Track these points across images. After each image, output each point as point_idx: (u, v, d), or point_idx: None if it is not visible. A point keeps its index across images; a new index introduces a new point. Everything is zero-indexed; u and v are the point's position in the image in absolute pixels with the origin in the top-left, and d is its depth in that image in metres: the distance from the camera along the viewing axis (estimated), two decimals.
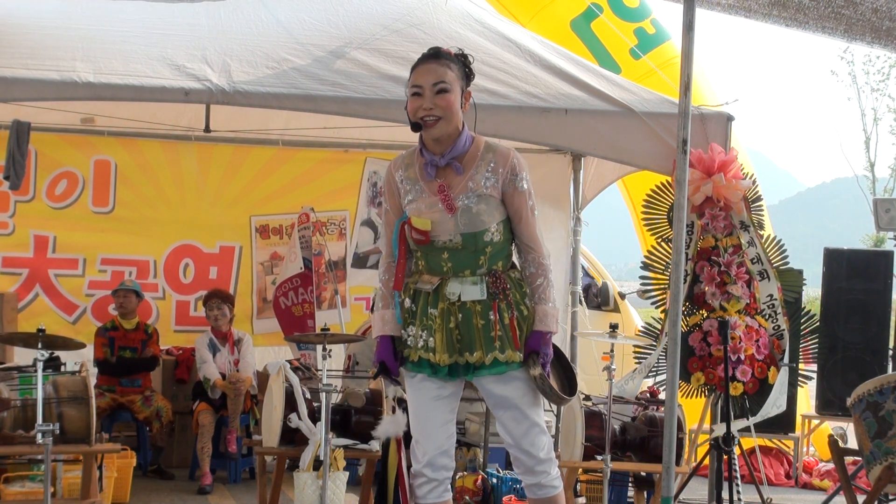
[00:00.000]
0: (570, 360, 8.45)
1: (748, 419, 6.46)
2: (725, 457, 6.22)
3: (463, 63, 4.08)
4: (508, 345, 4.01)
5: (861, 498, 5.81)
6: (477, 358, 4.01)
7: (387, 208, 4.21)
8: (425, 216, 4.01)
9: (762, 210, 6.83)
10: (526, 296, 4.09)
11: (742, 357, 6.40)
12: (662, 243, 6.70)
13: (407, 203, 4.07)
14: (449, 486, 4.11)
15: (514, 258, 4.19)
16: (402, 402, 7.74)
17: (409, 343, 4.06)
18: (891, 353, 8.66)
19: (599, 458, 6.16)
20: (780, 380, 6.47)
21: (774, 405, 6.43)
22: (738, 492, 6.31)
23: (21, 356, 7.49)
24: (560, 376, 4.30)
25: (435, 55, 4.05)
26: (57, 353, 6.61)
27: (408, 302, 4.09)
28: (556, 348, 4.23)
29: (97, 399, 7.42)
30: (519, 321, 4.04)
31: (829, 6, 5.35)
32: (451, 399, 4.11)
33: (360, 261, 9.05)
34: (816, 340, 7.06)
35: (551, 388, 4.06)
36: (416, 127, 3.99)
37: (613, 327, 6.14)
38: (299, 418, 6.31)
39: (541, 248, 4.13)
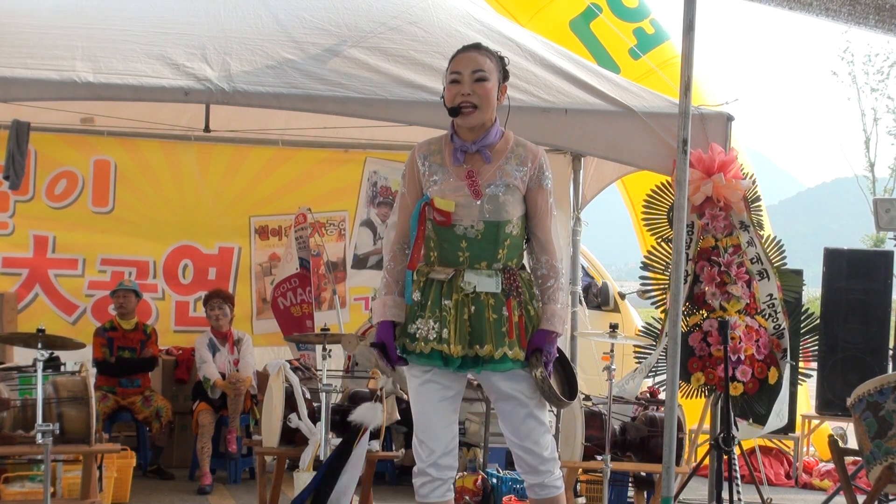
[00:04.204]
0: (570, 360, 8.49)
1: (750, 422, 6.46)
2: (725, 457, 6.22)
3: (500, 60, 4.16)
4: (517, 343, 4.01)
5: (861, 498, 5.81)
6: (487, 351, 4.00)
7: (403, 192, 4.19)
8: (449, 199, 4.02)
9: (761, 210, 6.83)
10: (535, 297, 4.10)
11: (742, 357, 6.40)
12: (662, 243, 6.69)
13: (431, 185, 4.07)
14: (451, 486, 4.11)
15: (525, 260, 4.19)
16: (400, 402, 7.75)
17: (417, 336, 4.02)
18: (891, 353, 8.67)
19: (599, 458, 6.16)
20: (784, 386, 6.47)
21: (778, 416, 6.43)
22: (738, 492, 6.30)
23: (21, 356, 7.49)
24: (561, 379, 4.28)
25: (475, 46, 4.14)
26: (57, 353, 6.60)
27: (417, 294, 4.05)
28: (559, 351, 4.22)
29: (101, 402, 7.45)
30: (526, 322, 4.05)
31: None
32: (455, 399, 4.11)
33: (360, 261, 9.04)
34: (816, 339, 7.05)
35: (551, 390, 4.04)
36: (453, 112, 4.03)
37: (613, 327, 6.14)
38: (299, 418, 6.31)
39: (555, 250, 4.17)
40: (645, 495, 6.93)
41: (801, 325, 6.87)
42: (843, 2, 5.41)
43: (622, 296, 10.64)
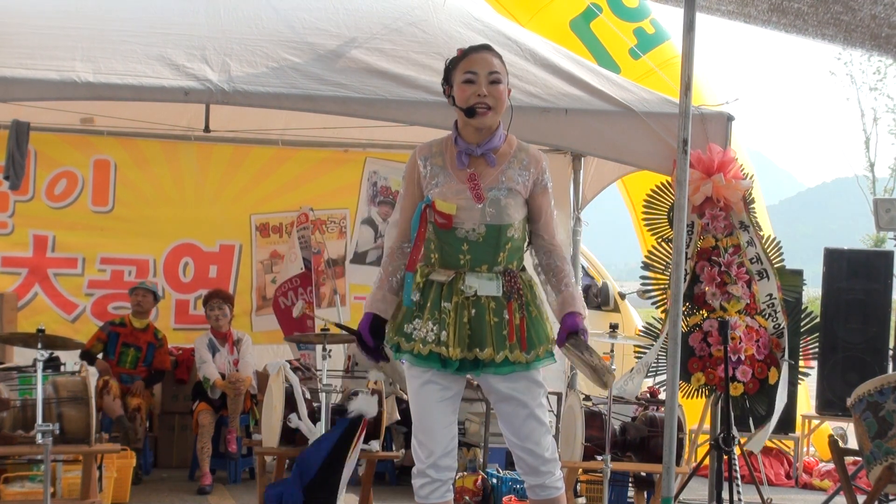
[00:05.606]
0: None
1: (753, 424, 6.47)
2: (725, 457, 6.22)
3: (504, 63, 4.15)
4: (517, 346, 4.00)
5: (861, 498, 5.81)
6: (487, 354, 3.98)
7: (403, 194, 4.20)
8: (450, 202, 4.01)
9: (756, 213, 6.83)
10: (536, 298, 4.10)
11: (742, 357, 6.40)
12: (662, 243, 6.70)
13: (432, 188, 4.06)
14: (451, 487, 4.10)
15: (527, 261, 4.18)
16: (400, 402, 7.74)
17: (414, 336, 4.02)
18: (891, 353, 8.67)
19: (599, 458, 6.16)
20: (782, 380, 6.47)
21: (780, 402, 6.43)
22: (739, 492, 6.30)
23: (21, 356, 7.49)
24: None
25: (487, 47, 4.12)
26: (56, 353, 6.60)
27: (416, 295, 4.04)
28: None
29: (110, 392, 7.46)
30: (528, 323, 4.03)
31: (827, 12, 5.35)
32: (455, 399, 4.10)
33: (360, 257, 9.04)
34: (816, 339, 7.04)
35: (601, 362, 3.98)
36: (469, 112, 4.00)
37: (613, 327, 6.14)
38: (299, 418, 6.31)
39: (560, 245, 4.18)
40: (645, 495, 6.93)
41: (801, 325, 6.87)
42: (838, 29, 5.47)
43: (622, 296, 10.64)
